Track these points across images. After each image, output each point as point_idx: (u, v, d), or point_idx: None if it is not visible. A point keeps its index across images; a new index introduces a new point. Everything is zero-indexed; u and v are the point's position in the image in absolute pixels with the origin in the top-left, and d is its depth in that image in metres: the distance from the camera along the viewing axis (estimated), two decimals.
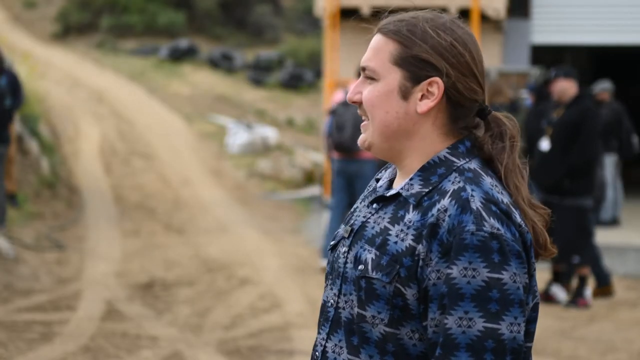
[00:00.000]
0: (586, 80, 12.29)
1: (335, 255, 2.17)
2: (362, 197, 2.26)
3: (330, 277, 2.18)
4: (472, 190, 2.01)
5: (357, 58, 13.46)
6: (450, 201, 2.00)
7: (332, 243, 2.22)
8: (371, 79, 2.11)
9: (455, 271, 1.95)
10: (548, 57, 16.07)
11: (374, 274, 2.03)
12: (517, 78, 13.26)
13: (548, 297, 8.99)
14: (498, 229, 1.97)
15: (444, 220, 1.99)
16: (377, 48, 2.12)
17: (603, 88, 12.49)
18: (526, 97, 11.48)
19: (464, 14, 13.53)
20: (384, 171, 2.27)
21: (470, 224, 1.97)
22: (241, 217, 13.35)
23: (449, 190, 2.02)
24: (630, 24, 14.63)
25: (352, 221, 2.18)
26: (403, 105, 2.09)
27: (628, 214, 13.03)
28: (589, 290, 8.99)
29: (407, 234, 2.02)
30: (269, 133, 17.83)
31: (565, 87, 8.81)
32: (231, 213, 13.58)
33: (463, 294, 1.94)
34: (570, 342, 7.78)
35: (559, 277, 9.17)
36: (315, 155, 17.42)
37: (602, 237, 11.17)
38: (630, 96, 16.78)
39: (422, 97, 2.08)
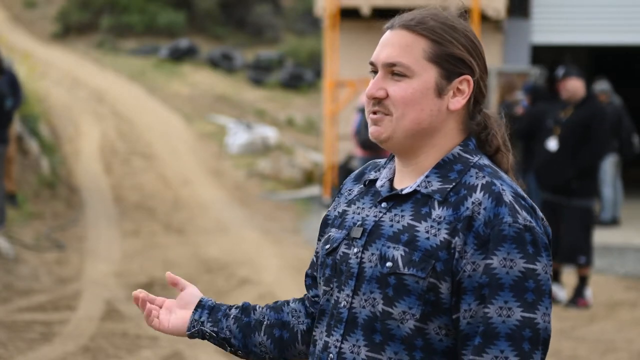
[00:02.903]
0: (586, 80, 12.27)
1: (340, 257, 2.16)
2: (345, 200, 2.24)
3: (336, 279, 2.17)
4: (501, 184, 2.05)
5: (357, 58, 13.47)
6: (484, 195, 2.03)
7: (327, 247, 2.21)
8: (401, 75, 2.09)
9: (495, 261, 1.99)
10: (548, 57, 16.07)
11: (406, 270, 2.04)
12: (517, 78, 13.26)
13: None
14: (530, 222, 2.02)
15: (479, 213, 2.01)
16: (406, 44, 2.09)
17: (601, 90, 12.47)
18: (522, 99, 11.44)
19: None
20: (373, 172, 2.24)
21: (507, 215, 2.01)
22: (241, 217, 13.34)
23: (477, 185, 2.05)
24: (630, 24, 14.63)
25: (354, 223, 2.16)
26: (437, 103, 2.10)
27: (628, 214, 13.03)
28: (589, 291, 8.99)
29: (439, 229, 2.04)
30: (269, 133, 17.82)
31: (577, 87, 8.69)
32: (231, 213, 13.58)
33: (502, 283, 1.98)
34: (570, 342, 7.78)
35: (559, 276, 9.16)
36: (315, 155, 17.41)
37: (602, 237, 11.17)
38: (630, 96, 16.77)
39: (453, 94, 2.10)
